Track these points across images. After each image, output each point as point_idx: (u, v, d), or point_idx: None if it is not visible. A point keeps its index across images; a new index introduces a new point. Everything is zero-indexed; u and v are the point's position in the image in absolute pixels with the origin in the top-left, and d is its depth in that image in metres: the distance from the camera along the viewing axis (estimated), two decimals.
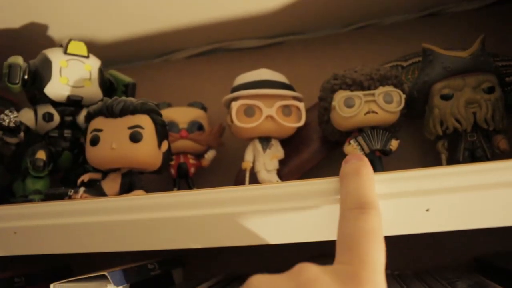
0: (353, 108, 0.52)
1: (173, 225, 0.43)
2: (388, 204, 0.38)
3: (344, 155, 0.56)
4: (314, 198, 0.39)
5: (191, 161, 0.62)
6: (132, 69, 0.67)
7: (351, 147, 0.54)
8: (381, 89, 0.52)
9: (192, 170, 0.62)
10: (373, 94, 0.52)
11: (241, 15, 0.65)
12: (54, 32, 0.68)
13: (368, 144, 0.53)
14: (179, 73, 0.75)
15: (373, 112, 0.52)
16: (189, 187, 0.62)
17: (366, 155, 0.53)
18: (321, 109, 0.56)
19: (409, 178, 0.39)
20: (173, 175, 0.62)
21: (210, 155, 0.63)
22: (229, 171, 0.66)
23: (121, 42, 0.71)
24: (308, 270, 0.27)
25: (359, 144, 0.54)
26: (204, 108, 0.66)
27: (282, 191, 0.40)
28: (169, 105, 0.64)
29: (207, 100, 0.67)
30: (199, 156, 0.64)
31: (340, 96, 0.53)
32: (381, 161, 0.54)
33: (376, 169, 0.52)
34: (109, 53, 0.62)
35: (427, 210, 0.38)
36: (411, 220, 0.38)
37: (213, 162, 0.64)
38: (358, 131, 0.55)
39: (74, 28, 0.67)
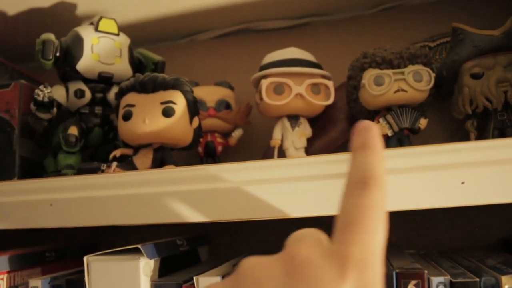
0: (383, 86, 0.52)
1: (202, 198, 0.44)
2: (424, 177, 0.39)
3: None
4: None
5: (218, 139, 0.63)
6: (158, 49, 0.67)
7: (380, 126, 0.54)
8: (411, 68, 0.53)
9: (219, 148, 0.63)
10: (402, 73, 0.52)
11: None
12: (82, 11, 0.68)
13: (397, 122, 0.53)
14: (205, 53, 0.75)
15: (403, 90, 0.52)
16: None
17: (395, 133, 0.54)
18: (350, 88, 0.57)
19: (445, 151, 0.39)
20: (201, 154, 0.63)
21: (237, 133, 0.64)
22: (255, 149, 0.66)
23: (147, 22, 0.72)
24: (301, 250, 0.26)
25: (388, 122, 0.54)
26: (231, 87, 0.66)
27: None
28: (196, 84, 0.65)
29: (233, 80, 0.68)
30: (226, 135, 0.64)
31: (369, 74, 0.53)
32: (409, 140, 0.54)
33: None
34: (135, 34, 0.62)
35: (462, 183, 0.38)
36: (447, 193, 0.39)
37: (239, 141, 0.65)
38: (386, 110, 0.55)
39: (101, 8, 0.67)
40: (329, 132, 0.61)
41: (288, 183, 0.42)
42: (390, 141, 0.54)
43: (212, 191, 0.44)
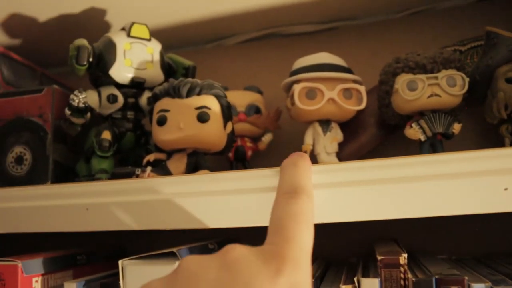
0: (416, 91, 0.52)
1: (232, 204, 0.44)
2: (467, 183, 0.39)
3: (403, 139, 0.57)
4: None
5: (248, 144, 0.63)
6: (186, 54, 0.68)
7: (413, 130, 0.54)
8: (444, 72, 0.52)
9: (249, 153, 0.63)
10: (436, 77, 0.52)
11: (295, 0, 0.65)
12: (111, 17, 0.69)
13: (430, 127, 0.53)
14: (233, 58, 0.76)
15: (436, 95, 0.52)
16: None
17: (428, 138, 0.54)
18: (382, 93, 0.56)
19: (487, 157, 0.39)
20: (230, 158, 0.63)
21: (267, 138, 0.64)
22: (284, 154, 0.66)
23: (174, 28, 0.72)
24: (234, 249, 0.28)
25: (421, 127, 0.54)
26: (260, 92, 0.66)
27: None
28: (225, 89, 0.65)
29: (261, 85, 0.68)
30: (255, 139, 0.65)
31: (402, 79, 0.53)
32: (442, 145, 0.54)
33: (438, 152, 0.52)
34: (162, 39, 0.63)
35: (505, 189, 0.38)
36: (489, 199, 0.38)
37: (269, 146, 0.65)
38: (419, 115, 0.55)
39: (130, 14, 0.68)
40: (360, 137, 0.61)
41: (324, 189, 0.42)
42: (423, 146, 0.54)
43: (242, 197, 0.44)
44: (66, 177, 0.61)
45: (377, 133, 0.61)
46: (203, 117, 0.50)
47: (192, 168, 0.53)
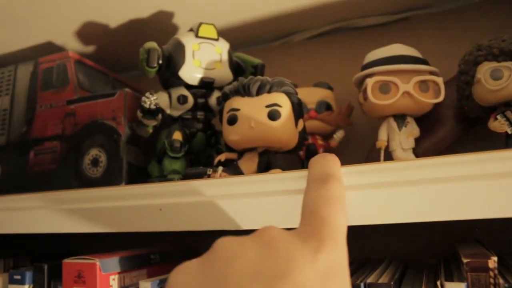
0: (501, 81, 0.48)
1: None
2: None
3: (485, 133, 0.54)
4: None
5: (319, 142, 0.62)
6: (253, 53, 0.67)
7: (498, 123, 0.50)
8: None
9: (320, 151, 0.62)
10: None
11: None
12: (179, 19, 0.70)
13: None
14: (301, 54, 0.74)
15: None
16: None
17: None
18: (462, 83, 0.53)
19: None
20: (301, 157, 0.62)
21: (339, 135, 0.62)
22: (357, 151, 0.64)
23: (240, 27, 0.72)
24: (270, 229, 0.28)
25: (508, 119, 0.50)
26: (330, 88, 0.64)
27: None
28: (295, 86, 0.64)
29: (330, 81, 0.66)
30: (326, 137, 0.63)
31: (485, 68, 0.49)
32: None
33: None
34: (229, 39, 0.63)
35: None
36: None
37: (341, 143, 0.63)
38: (504, 106, 0.51)
39: (197, 14, 0.68)
40: (437, 132, 0.58)
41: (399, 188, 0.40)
42: (510, 139, 0.50)
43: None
44: (139, 178, 0.62)
45: (456, 127, 0.58)
46: (274, 115, 0.49)
47: (264, 167, 0.52)
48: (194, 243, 0.74)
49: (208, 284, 0.25)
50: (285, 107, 0.50)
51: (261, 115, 0.50)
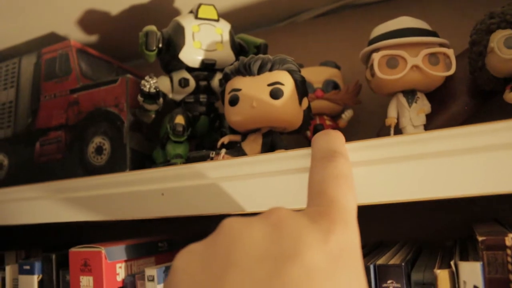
0: None
1: None
2: None
3: (501, 106, 0.51)
4: None
5: (328, 122, 0.60)
6: (257, 34, 0.65)
7: None
8: None
9: None
10: None
11: None
12: (181, 3, 0.68)
13: None
14: (306, 34, 0.72)
15: None
16: None
17: None
18: (474, 55, 0.50)
19: None
20: (309, 137, 0.60)
21: (347, 114, 0.60)
22: (367, 130, 0.62)
23: (244, 8, 0.70)
24: (279, 210, 0.27)
25: None
26: (337, 67, 0.62)
27: None
28: (301, 66, 0.62)
29: (337, 59, 0.64)
30: (335, 117, 0.61)
31: (499, 36, 0.47)
32: None
33: None
34: (232, 21, 0.61)
35: None
36: None
37: (350, 122, 0.61)
38: None
39: None
40: (450, 107, 0.55)
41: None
42: None
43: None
44: (144, 164, 0.61)
45: (469, 102, 0.55)
46: (276, 94, 0.48)
47: (268, 148, 0.50)
48: (206, 230, 0.73)
49: (213, 265, 0.24)
50: (288, 85, 0.48)
51: (263, 94, 0.48)
